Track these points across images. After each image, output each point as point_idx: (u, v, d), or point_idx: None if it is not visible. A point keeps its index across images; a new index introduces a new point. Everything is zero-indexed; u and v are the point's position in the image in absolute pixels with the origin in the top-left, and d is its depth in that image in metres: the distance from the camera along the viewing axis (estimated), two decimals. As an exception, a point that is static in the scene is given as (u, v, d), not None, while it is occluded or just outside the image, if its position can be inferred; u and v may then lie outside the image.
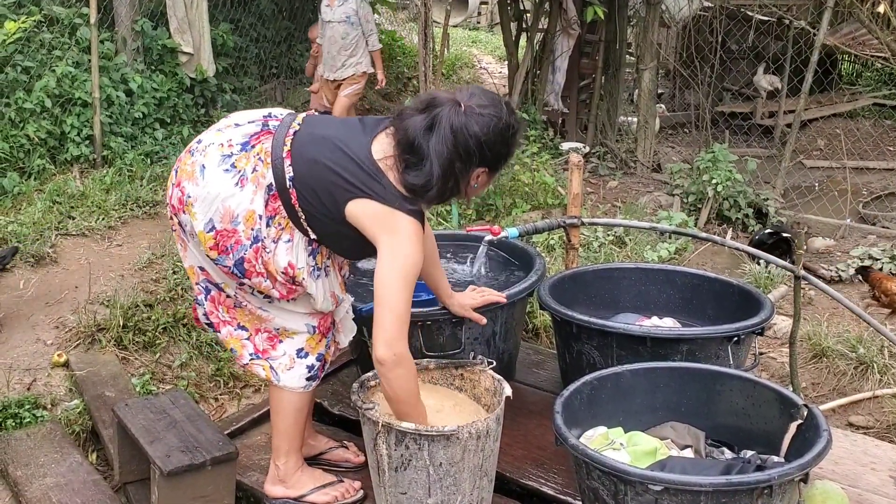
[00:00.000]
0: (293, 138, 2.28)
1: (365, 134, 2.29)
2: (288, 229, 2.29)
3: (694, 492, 2.02)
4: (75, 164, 5.52)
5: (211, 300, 2.47)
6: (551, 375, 3.36)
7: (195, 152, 2.32)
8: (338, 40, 6.52)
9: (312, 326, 2.48)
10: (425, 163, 2.19)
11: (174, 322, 3.94)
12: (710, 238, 3.73)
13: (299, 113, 2.42)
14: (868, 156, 7.39)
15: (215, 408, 3.69)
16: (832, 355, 3.99)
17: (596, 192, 6.63)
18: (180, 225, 2.35)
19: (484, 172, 2.29)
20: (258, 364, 2.49)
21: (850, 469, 2.71)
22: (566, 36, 7.36)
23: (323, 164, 2.22)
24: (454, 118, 2.19)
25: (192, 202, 2.27)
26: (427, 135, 2.19)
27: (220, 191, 2.25)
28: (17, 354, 3.65)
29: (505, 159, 2.34)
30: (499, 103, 2.26)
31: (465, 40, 13.81)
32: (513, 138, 2.29)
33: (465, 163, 2.22)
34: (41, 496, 2.74)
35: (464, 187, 2.28)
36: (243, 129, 2.33)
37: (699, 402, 2.58)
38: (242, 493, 2.72)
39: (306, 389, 2.52)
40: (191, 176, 2.28)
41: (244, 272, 2.30)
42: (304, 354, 2.48)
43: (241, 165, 2.26)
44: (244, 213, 2.25)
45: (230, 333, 2.49)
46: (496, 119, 2.22)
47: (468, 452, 2.28)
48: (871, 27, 6.49)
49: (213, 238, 2.26)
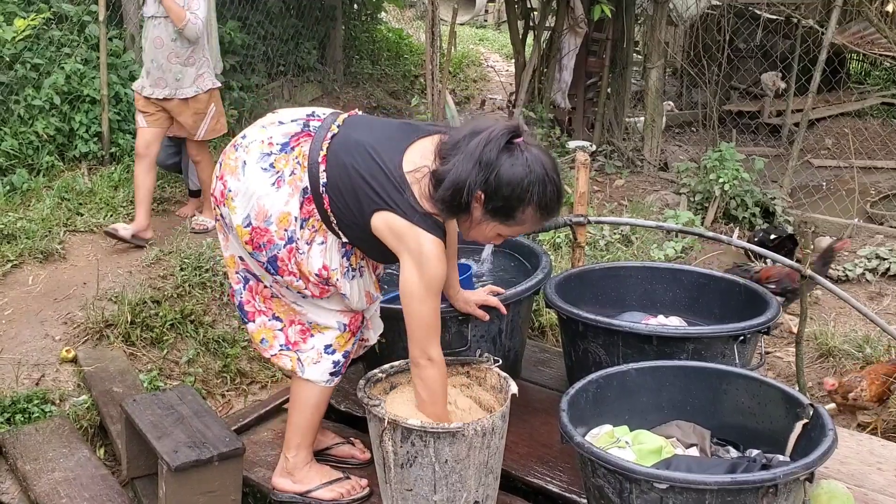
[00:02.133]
0: (330, 143, 2.31)
1: (403, 139, 2.29)
2: (321, 232, 2.34)
3: (699, 490, 2.02)
4: (84, 161, 5.54)
5: (249, 290, 2.53)
6: (557, 373, 3.37)
7: (239, 147, 2.39)
8: (166, 43, 4.51)
9: (343, 324, 2.51)
10: (456, 155, 2.18)
11: (181, 318, 3.95)
12: (717, 237, 3.73)
13: (340, 114, 2.44)
14: (876, 155, 7.36)
15: (222, 404, 3.70)
16: (839, 355, 3.99)
17: (602, 191, 6.63)
18: (222, 216, 2.42)
19: (482, 197, 2.20)
20: (286, 355, 2.54)
21: (855, 469, 2.71)
22: (573, 34, 7.35)
23: (354, 171, 2.25)
24: (497, 134, 2.18)
25: (233, 196, 2.34)
26: (469, 137, 2.21)
27: (257, 189, 2.31)
28: (25, 350, 3.67)
29: (510, 213, 2.24)
30: (544, 168, 2.21)
31: (472, 38, 13.79)
32: (523, 202, 2.21)
33: (485, 172, 2.16)
34: (50, 490, 2.76)
35: (470, 199, 2.19)
36: (285, 129, 2.38)
37: (705, 400, 2.59)
38: (249, 489, 2.74)
39: (328, 384, 2.55)
40: (233, 171, 2.35)
41: (277, 269, 2.37)
42: (331, 350, 2.52)
43: (279, 166, 2.32)
44: (277, 214, 2.31)
45: (263, 324, 2.55)
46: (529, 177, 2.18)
47: (474, 449, 2.29)
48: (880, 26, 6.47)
49: (249, 233, 2.34)
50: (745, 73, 9.05)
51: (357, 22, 9.92)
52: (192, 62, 4.60)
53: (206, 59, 4.69)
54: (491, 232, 2.30)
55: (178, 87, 4.59)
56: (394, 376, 2.60)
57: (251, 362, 3.94)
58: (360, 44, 9.89)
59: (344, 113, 2.46)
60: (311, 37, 8.57)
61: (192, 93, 4.62)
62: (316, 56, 8.63)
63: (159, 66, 4.55)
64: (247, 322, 2.59)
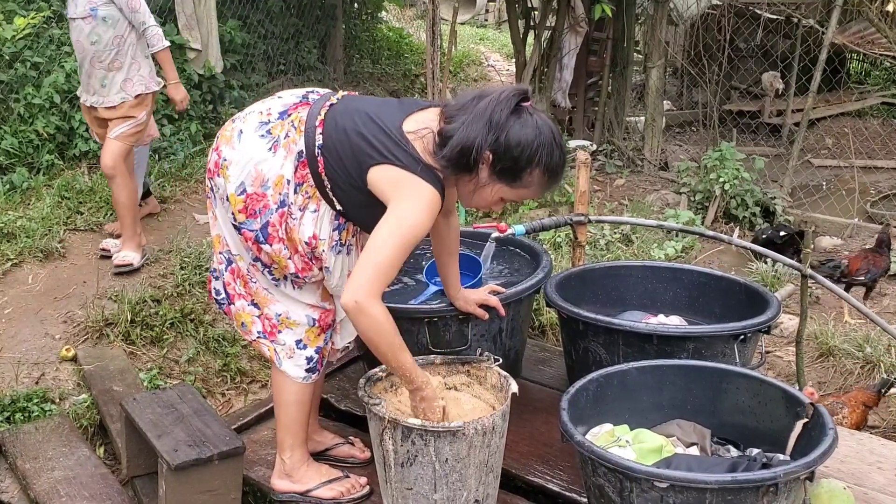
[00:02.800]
0: (328, 109, 2.32)
1: (401, 110, 2.30)
2: (315, 199, 2.31)
3: (699, 489, 2.02)
4: (84, 160, 5.54)
5: (231, 272, 2.50)
6: (557, 372, 3.37)
7: (237, 119, 2.40)
8: (86, 47, 4.15)
9: (313, 319, 2.50)
10: (462, 115, 2.19)
11: (181, 317, 3.95)
12: (717, 236, 3.73)
13: (339, 92, 2.45)
14: (876, 155, 7.37)
15: (222, 403, 3.70)
16: (839, 354, 3.99)
17: (603, 190, 6.63)
18: (213, 190, 2.40)
19: (490, 157, 2.19)
20: (264, 343, 2.53)
21: (856, 468, 2.71)
22: (574, 33, 7.35)
23: (353, 131, 2.24)
24: (504, 97, 2.18)
25: (228, 165, 2.33)
26: (476, 99, 2.21)
27: (254, 154, 2.30)
28: (25, 349, 3.67)
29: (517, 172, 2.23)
30: (551, 130, 2.23)
31: (473, 38, 13.80)
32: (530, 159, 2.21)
33: (492, 132, 2.16)
34: (49, 489, 2.76)
35: (478, 158, 2.18)
36: (284, 100, 2.39)
37: (705, 399, 2.59)
38: (249, 488, 2.73)
39: (306, 381, 2.54)
40: (228, 140, 2.35)
41: (267, 237, 2.33)
42: (302, 346, 2.51)
43: (276, 132, 2.31)
44: (274, 177, 2.29)
45: (243, 308, 2.52)
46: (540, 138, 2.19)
47: (474, 448, 2.29)
48: (880, 26, 6.47)
49: (243, 201, 2.31)
50: (746, 73, 9.05)
51: (357, 21, 9.93)
52: (117, 66, 4.16)
53: (136, 61, 4.22)
54: (495, 195, 2.27)
55: (104, 95, 4.21)
56: (394, 375, 2.59)
57: (251, 361, 3.94)
58: (360, 43, 9.89)
59: (343, 91, 2.47)
60: (311, 36, 8.57)
61: (118, 100, 4.21)
62: (316, 55, 8.63)
63: (85, 71, 4.22)
64: (230, 304, 2.54)
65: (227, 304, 2.56)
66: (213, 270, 2.58)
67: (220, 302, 2.58)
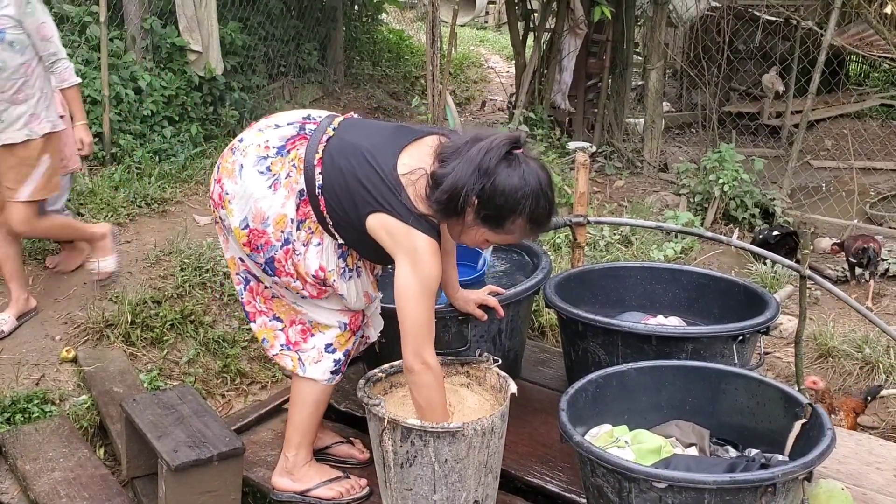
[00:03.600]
0: (325, 145, 2.34)
1: (398, 142, 2.30)
2: (318, 233, 2.36)
3: (698, 489, 2.03)
4: (84, 162, 5.54)
5: (249, 290, 2.57)
6: (556, 373, 3.37)
7: (236, 151, 2.42)
8: None
9: (344, 323, 2.54)
10: (455, 160, 2.20)
11: (182, 319, 3.95)
12: (717, 237, 3.73)
13: (336, 116, 2.46)
14: (875, 156, 7.37)
15: (222, 404, 3.70)
16: (838, 355, 4.00)
17: (602, 192, 6.63)
18: (220, 219, 2.46)
19: (475, 203, 2.20)
20: (287, 355, 2.56)
21: (854, 468, 2.71)
22: (573, 35, 7.36)
23: (349, 174, 2.27)
24: (497, 143, 2.20)
25: (230, 199, 2.38)
26: (470, 144, 2.22)
27: (254, 191, 2.35)
28: (25, 350, 3.68)
29: (501, 222, 2.25)
30: (539, 181, 2.21)
31: (473, 39, 13.81)
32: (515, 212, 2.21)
33: (483, 179, 2.17)
34: (49, 490, 2.76)
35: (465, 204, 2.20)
36: (281, 132, 2.40)
37: (704, 400, 2.59)
38: (249, 489, 2.74)
39: (329, 383, 2.58)
40: (230, 174, 2.39)
41: (274, 270, 2.40)
42: (332, 349, 2.54)
43: (276, 169, 2.35)
44: (274, 216, 2.34)
45: (264, 324, 2.58)
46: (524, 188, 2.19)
47: (473, 449, 2.29)
48: (879, 28, 6.48)
49: (247, 235, 2.37)
50: (745, 75, 9.06)
51: (358, 23, 9.95)
52: (21, 99, 3.48)
53: (44, 94, 3.57)
54: (480, 237, 2.32)
55: (1, 130, 3.49)
56: (393, 376, 2.60)
57: (251, 362, 3.94)
58: (360, 45, 9.91)
59: (340, 116, 2.48)
60: (311, 38, 8.58)
61: (20, 138, 3.50)
62: (317, 57, 8.64)
63: None
64: (249, 322, 2.62)
65: (248, 322, 2.61)
66: (235, 288, 2.63)
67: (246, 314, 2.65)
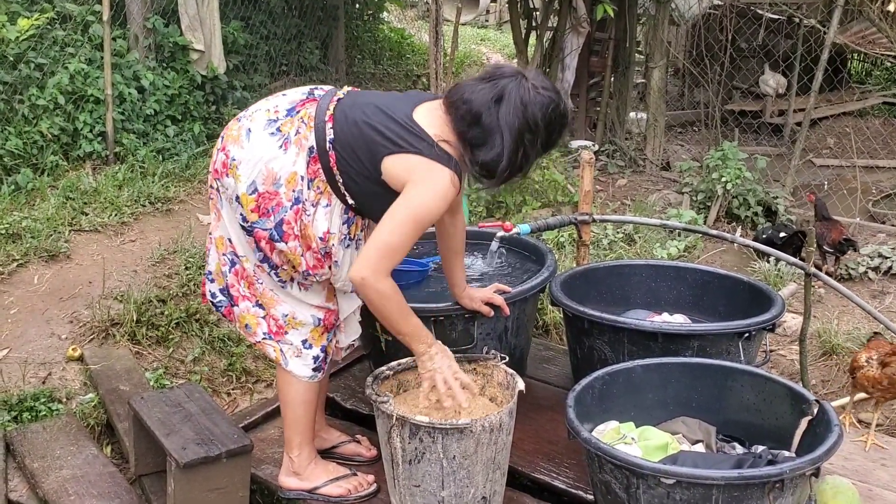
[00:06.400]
0: (336, 104, 2.34)
1: (407, 102, 2.33)
2: (326, 194, 2.33)
3: (706, 485, 2.03)
4: (88, 161, 5.55)
5: (234, 273, 2.51)
6: (562, 371, 3.38)
7: (242, 118, 2.40)
8: None
9: (318, 318, 2.52)
10: (495, 136, 2.21)
11: (187, 317, 3.97)
12: (721, 235, 3.74)
13: (345, 87, 2.48)
14: (878, 154, 7.37)
15: (228, 402, 3.72)
16: (842, 352, 4.00)
17: (605, 190, 6.64)
18: (219, 191, 2.41)
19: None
20: (269, 344, 2.54)
21: (860, 465, 2.72)
22: (576, 34, 7.36)
23: (364, 123, 2.27)
24: (523, 91, 2.22)
25: (237, 164, 2.33)
26: (495, 106, 2.21)
27: (264, 153, 2.31)
28: (32, 349, 3.69)
29: (554, 145, 2.36)
30: (557, 90, 2.29)
31: (474, 38, 13.80)
32: (564, 127, 2.32)
33: (534, 135, 2.23)
34: (58, 488, 2.77)
35: (532, 162, 2.28)
36: (290, 97, 2.40)
37: (710, 397, 2.60)
38: (256, 486, 2.75)
39: (311, 380, 2.56)
40: (236, 139, 2.35)
41: (282, 235, 2.34)
42: (308, 345, 2.53)
43: (285, 130, 2.33)
44: (287, 174, 2.31)
45: (247, 309, 2.53)
46: (555, 104, 2.26)
47: (481, 446, 2.30)
48: (881, 26, 6.47)
49: (255, 200, 2.32)
50: (747, 73, 9.06)
51: (359, 22, 9.95)
52: None
53: None
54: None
55: None
56: (401, 373, 2.61)
57: (256, 361, 3.95)
58: (362, 43, 9.91)
59: (347, 87, 2.49)
60: (313, 36, 8.59)
61: None
62: (318, 56, 8.65)
63: None
64: (225, 307, 2.57)
65: (229, 306, 2.56)
66: (209, 273, 2.58)
67: (216, 305, 2.59)
